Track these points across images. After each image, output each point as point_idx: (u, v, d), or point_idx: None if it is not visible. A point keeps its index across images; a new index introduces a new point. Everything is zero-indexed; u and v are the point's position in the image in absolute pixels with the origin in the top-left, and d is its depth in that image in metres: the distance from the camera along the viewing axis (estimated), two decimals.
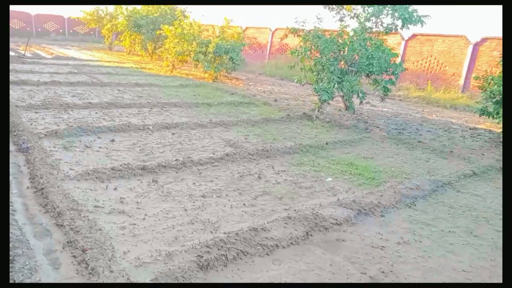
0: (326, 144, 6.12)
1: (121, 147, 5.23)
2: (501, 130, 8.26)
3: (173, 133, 6.13)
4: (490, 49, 11.99)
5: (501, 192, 4.68)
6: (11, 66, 11.79)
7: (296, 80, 8.41)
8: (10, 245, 2.60)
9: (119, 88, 9.92)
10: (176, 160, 4.75)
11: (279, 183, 4.42)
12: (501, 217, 3.97)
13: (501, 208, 4.18)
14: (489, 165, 5.60)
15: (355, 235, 3.35)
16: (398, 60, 10.83)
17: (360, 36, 7.55)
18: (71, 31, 28.52)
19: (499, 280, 2.89)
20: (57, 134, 5.41)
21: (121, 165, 4.38)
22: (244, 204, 3.77)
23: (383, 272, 2.83)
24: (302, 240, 3.16)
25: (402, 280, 2.77)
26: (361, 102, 7.50)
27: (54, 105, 7.12)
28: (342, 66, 7.98)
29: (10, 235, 2.73)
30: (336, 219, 3.49)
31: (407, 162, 5.66)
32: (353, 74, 7.85)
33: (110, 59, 18.18)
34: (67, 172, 4.15)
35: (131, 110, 7.51)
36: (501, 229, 3.70)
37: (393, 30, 8.23)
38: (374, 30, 7.94)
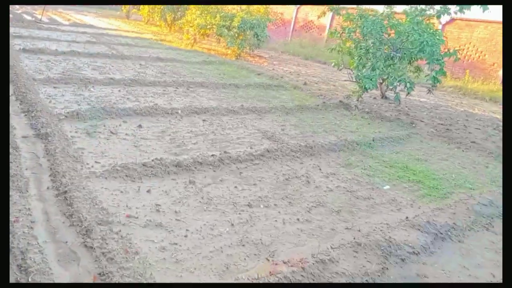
0: (373, 141, 5.45)
1: (149, 135, 4.63)
2: None
3: (203, 120, 5.50)
4: None
5: None
6: (27, 32, 11.13)
7: (333, 64, 7.63)
8: (31, 275, 2.05)
9: (141, 62, 9.23)
10: (212, 155, 4.14)
11: (331, 190, 3.80)
12: None
13: None
14: None
15: (438, 269, 2.75)
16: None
17: (413, 18, 6.70)
18: None
19: None
20: (78, 116, 4.81)
21: (153, 161, 3.78)
22: (298, 220, 3.17)
23: None
24: (378, 276, 2.57)
25: None
26: (408, 93, 6.76)
27: (74, 80, 6.49)
28: (386, 51, 7.17)
29: (30, 258, 2.18)
30: (413, 247, 2.88)
31: (466, 167, 4.99)
32: (398, 60, 7.06)
33: (129, 29, 17.37)
34: (92, 167, 3.58)
35: (155, 89, 6.86)
36: None
37: (445, 14, 7.34)
38: (427, 13, 7.06)
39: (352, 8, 7.75)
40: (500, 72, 11.56)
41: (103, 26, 16.75)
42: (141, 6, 20.18)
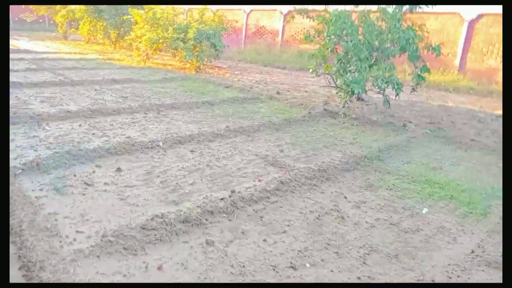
0: (379, 152, 4.94)
1: (134, 180, 3.72)
2: None
3: (191, 151, 4.65)
4: (486, 26, 11.29)
5: None
6: None
7: (311, 70, 7.09)
8: None
9: (95, 87, 8.09)
10: (222, 199, 3.35)
11: (373, 226, 3.18)
12: None
13: None
14: None
15: None
16: None
17: (393, 16, 6.34)
18: (16, 18, 24.95)
19: None
20: (39, 167, 3.77)
21: (152, 219, 2.92)
22: (359, 279, 2.50)
23: None
24: None
25: None
26: (397, 94, 6.40)
27: (22, 118, 5.33)
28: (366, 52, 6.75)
29: None
30: None
31: (481, 171, 4.63)
32: (380, 60, 6.67)
33: (70, 50, 15.75)
34: (75, 240, 2.65)
35: (122, 118, 5.87)
36: None
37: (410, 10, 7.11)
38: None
39: (323, 11, 7.27)
40: (456, 61, 11.79)
41: (41, 50, 15.01)
42: (80, 25, 18.53)
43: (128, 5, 15.38)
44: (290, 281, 2.42)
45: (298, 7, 7.41)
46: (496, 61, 10.99)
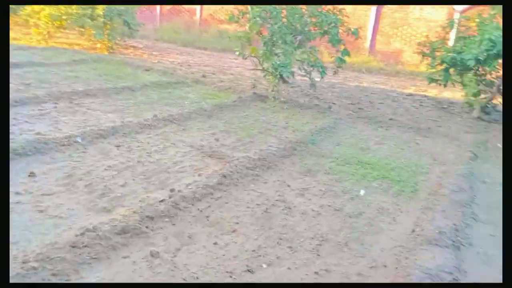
0: (312, 135, 4.98)
1: (52, 186, 3.17)
2: (438, 93, 8.37)
3: (117, 146, 4.14)
4: (392, 11, 12.13)
5: None
6: None
7: (237, 53, 6.84)
8: None
9: None
10: (161, 201, 3.02)
11: (319, 213, 3.15)
12: None
13: None
14: (478, 142, 5.31)
15: None
16: None
17: None
18: None
19: None
20: None
21: (83, 234, 2.48)
22: (317, 273, 2.43)
23: None
24: None
25: None
26: (322, 78, 6.51)
27: None
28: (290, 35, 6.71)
29: None
30: (452, 274, 2.48)
31: (404, 149, 4.96)
32: (304, 43, 6.71)
33: None
34: None
35: (28, 110, 5.00)
36: None
37: None
38: None
39: None
40: (366, 44, 12.54)
41: None
42: None
43: None
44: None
45: None
46: (400, 44, 11.97)
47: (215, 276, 2.32)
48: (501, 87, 6.34)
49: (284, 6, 6.72)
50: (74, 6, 10.84)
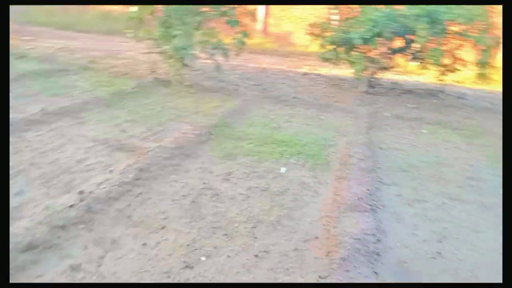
0: (224, 118, 4.88)
1: None
2: (328, 71, 8.98)
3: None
4: None
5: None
6: None
7: (130, 35, 6.25)
8: None
9: None
10: (71, 206, 2.59)
11: (248, 196, 3.11)
12: None
13: None
14: (370, 114, 5.87)
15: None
16: None
17: None
18: None
19: None
20: None
21: None
22: (256, 256, 2.39)
23: None
24: None
25: None
26: (226, 60, 6.37)
27: None
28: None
29: None
30: (375, 235, 2.70)
31: (310, 125, 5.22)
32: (202, 24, 6.47)
33: None
34: None
35: None
36: None
37: None
38: None
39: None
40: (260, 26, 12.79)
41: None
42: None
43: None
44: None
45: None
46: (290, 26, 12.55)
47: (151, 279, 2.10)
48: (383, 63, 7.15)
49: None
50: None
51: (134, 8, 6.30)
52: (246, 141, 4.29)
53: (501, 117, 6.38)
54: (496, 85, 9.10)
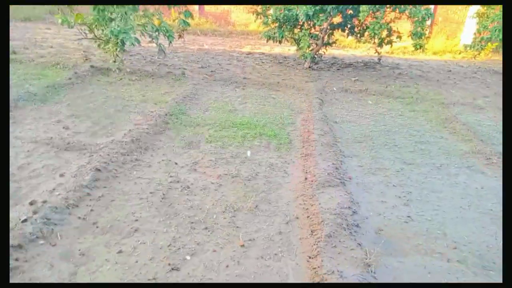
0: (178, 105, 4.58)
1: None
2: (271, 49, 8.86)
3: None
4: None
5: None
6: None
7: (61, 20, 5.54)
8: None
9: None
10: (25, 220, 2.22)
11: (220, 185, 2.94)
12: None
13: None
14: (319, 89, 5.90)
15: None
16: None
17: None
18: None
19: None
20: None
21: None
22: (243, 246, 2.27)
23: None
24: None
25: None
26: (170, 42, 5.92)
27: None
28: None
29: None
30: (351, 208, 2.71)
31: (265, 105, 5.11)
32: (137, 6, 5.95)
33: None
34: None
35: None
36: None
37: None
38: None
39: None
40: (196, 6, 12.21)
41: None
42: None
43: None
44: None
45: None
46: (227, 5, 12.14)
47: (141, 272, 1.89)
48: (325, 39, 7.22)
49: None
50: None
51: None
52: (205, 127, 4.07)
53: (432, 84, 6.89)
54: (426, 55, 9.76)
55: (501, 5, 8.18)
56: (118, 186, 2.79)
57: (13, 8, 11.19)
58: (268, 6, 7.21)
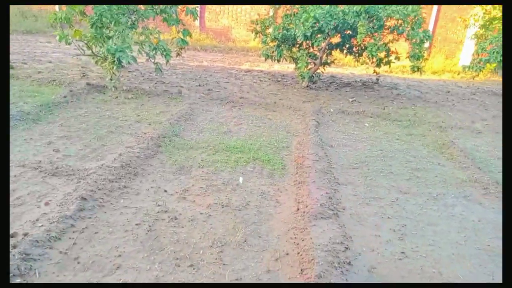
0: (171, 125, 4.51)
1: None
2: (269, 67, 8.85)
3: None
4: None
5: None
6: None
7: (58, 37, 5.52)
8: None
9: None
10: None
11: (209, 215, 2.84)
12: None
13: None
14: (316, 110, 5.84)
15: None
16: None
17: None
18: None
19: None
20: None
21: None
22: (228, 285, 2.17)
23: None
24: None
25: None
26: (168, 61, 5.90)
27: None
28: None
29: None
30: (343, 243, 2.61)
31: (260, 126, 5.05)
32: (137, 23, 5.95)
33: None
34: None
35: None
36: None
37: None
38: None
39: None
40: (197, 22, 12.28)
41: None
42: None
43: None
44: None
45: None
46: (228, 21, 12.21)
47: None
48: (323, 59, 7.21)
49: None
50: None
51: (61, 7, 5.56)
52: (198, 151, 3.99)
53: (430, 105, 6.84)
54: (425, 75, 9.76)
55: (500, 27, 8.20)
56: (103, 217, 2.69)
57: (15, 22, 11.26)
58: (267, 25, 7.21)
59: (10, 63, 6.71)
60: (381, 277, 2.43)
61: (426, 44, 6.86)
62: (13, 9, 11.98)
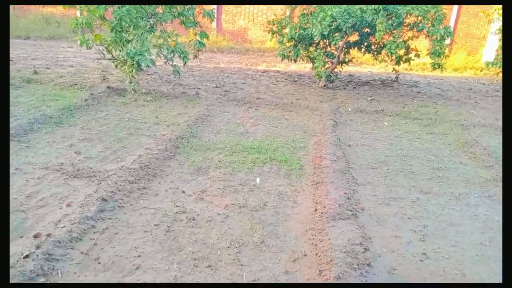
0: (189, 127, 4.55)
1: None
2: (286, 67, 8.83)
3: None
4: None
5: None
6: None
7: (79, 42, 5.67)
8: None
9: None
10: (26, 256, 2.20)
11: (227, 216, 2.85)
12: None
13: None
14: (333, 110, 5.78)
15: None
16: None
17: None
18: None
19: None
20: None
21: None
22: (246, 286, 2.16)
23: None
24: None
25: None
26: (185, 63, 5.97)
27: None
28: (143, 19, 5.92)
29: None
30: (362, 244, 2.57)
31: (277, 126, 5.03)
32: (155, 26, 6.03)
33: None
34: None
35: None
36: None
37: None
38: None
39: None
40: (214, 24, 12.38)
41: None
42: None
43: None
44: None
45: None
46: (244, 22, 12.24)
47: None
48: (340, 57, 7.13)
49: None
50: None
51: (81, 11, 5.72)
52: (215, 152, 4.01)
53: (451, 103, 6.65)
54: (446, 73, 9.50)
55: None
56: (123, 217, 2.74)
57: (38, 28, 11.65)
58: (284, 25, 7.17)
59: (33, 68, 6.94)
60: (401, 278, 2.37)
61: (447, 41, 6.66)
62: (37, 16, 12.40)
